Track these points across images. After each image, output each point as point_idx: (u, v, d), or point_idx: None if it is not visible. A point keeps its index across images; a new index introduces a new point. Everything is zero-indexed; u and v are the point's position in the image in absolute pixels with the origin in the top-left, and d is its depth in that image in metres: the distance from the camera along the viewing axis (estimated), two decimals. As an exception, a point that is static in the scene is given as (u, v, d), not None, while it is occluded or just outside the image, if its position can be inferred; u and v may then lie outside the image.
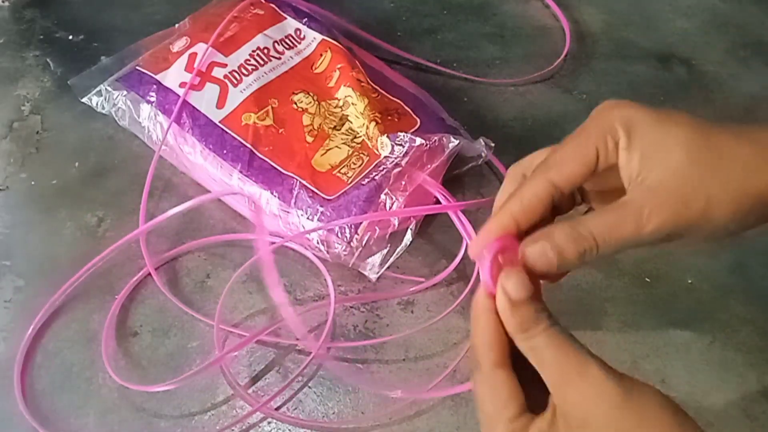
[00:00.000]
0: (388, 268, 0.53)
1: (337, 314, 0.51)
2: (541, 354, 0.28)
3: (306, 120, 0.57)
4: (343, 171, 0.54)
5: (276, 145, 0.55)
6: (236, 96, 0.57)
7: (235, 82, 0.58)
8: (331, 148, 0.55)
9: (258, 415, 0.46)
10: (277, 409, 0.47)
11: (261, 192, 0.53)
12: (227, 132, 0.55)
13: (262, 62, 0.59)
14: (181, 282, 0.52)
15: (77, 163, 0.59)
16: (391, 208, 0.51)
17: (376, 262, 0.52)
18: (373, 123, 0.55)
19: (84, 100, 0.60)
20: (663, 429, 0.26)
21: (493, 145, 0.57)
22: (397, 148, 0.53)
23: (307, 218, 0.52)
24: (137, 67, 0.60)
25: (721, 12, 0.75)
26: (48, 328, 0.50)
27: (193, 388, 0.47)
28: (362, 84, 0.58)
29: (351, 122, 0.57)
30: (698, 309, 0.52)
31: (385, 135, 0.54)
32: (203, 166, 0.55)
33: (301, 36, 0.62)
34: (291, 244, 0.54)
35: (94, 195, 0.57)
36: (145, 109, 0.58)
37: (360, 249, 0.51)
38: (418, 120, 0.58)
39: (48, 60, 0.67)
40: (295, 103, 0.58)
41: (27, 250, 0.54)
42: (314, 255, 0.53)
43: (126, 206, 0.56)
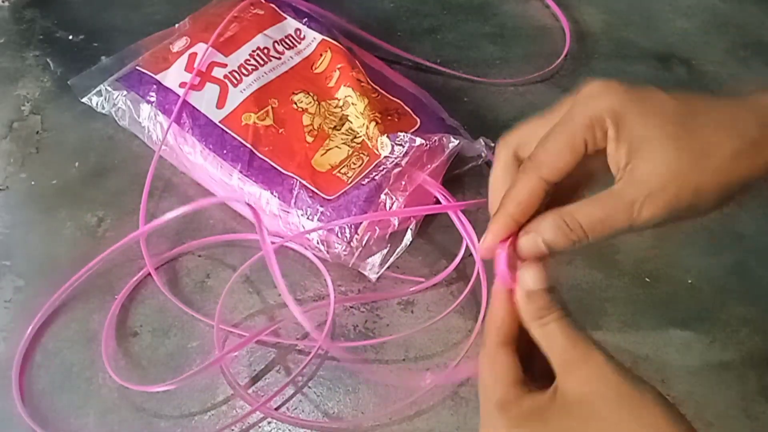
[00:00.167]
0: (388, 268, 0.53)
1: (337, 314, 0.51)
2: (552, 340, 0.30)
3: (306, 120, 0.57)
4: (343, 171, 0.54)
5: (276, 145, 0.55)
6: (236, 96, 0.57)
7: (235, 82, 0.58)
8: (331, 148, 0.55)
9: (258, 415, 0.46)
10: (277, 409, 0.47)
11: (261, 192, 0.53)
12: (227, 132, 0.55)
13: (262, 62, 0.59)
14: (181, 282, 0.52)
15: (77, 163, 0.59)
16: (391, 208, 0.51)
17: (376, 262, 0.52)
18: (373, 123, 0.55)
19: (84, 100, 0.60)
20: (657, 420, 0.27)
21: (493, 145, 0.57)
22: (397, 148, 0.53)
23: (307, 218, 0.52)
24: (137, 67, 0.60)
25: (721, 12, 0.75)
26: (48, 328, 0.50)
27: (193, 388, 0.47)
28: (362, 84, 0.58)
29: (351, 122, 0.57)
30: (698, 309, 0.52)
31: (385, 135, 0.54)
32: (203, 166, 0.55)
33: (301, 36, 0.62)
34: (291, 244, 0.54)
35: (94, 195, 0.57)
36: (145, 109, 0.58)
37: (360, 249, 0.51)
38: (418, 120, 0.58)
39: (48, 60, 0.67)
40: (295, 103, 0.58)
41: (27, 250, 0.54)
42: (314, 255, 0.53)
43: (126, 206, 0.56)
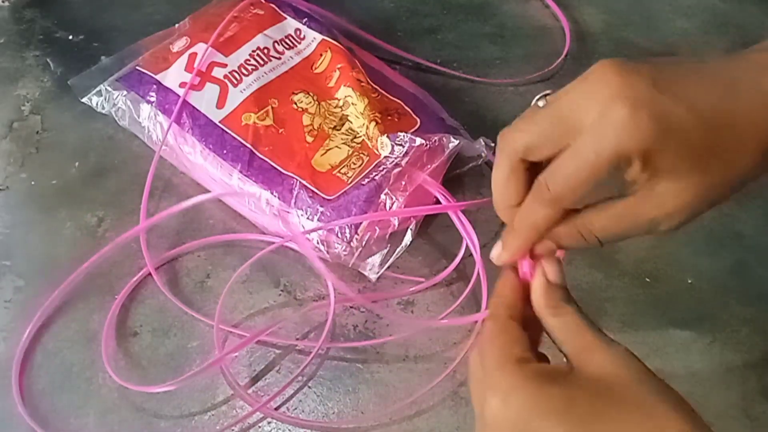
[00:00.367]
0: (388, 268, 0.53)
1: (337, 314, 0.51)
2: (566, 329, 0.31)
3: (306, 120, 0.57)
4: (343, 171, 0.54)
5: (276, 145, 0.55)
6: (236, 96, 0.57)
7: (235, 82, 0.58)
8: (331, 148, 0.55)
9: (258, 415, 0.46)
10: (277, 409, 0.47)
11: (261, 192, 0.53)
12: (227, 132, 0.55)
13: (262, 62, 0.59)
14: (181, 282, 0.52)
15: (77, 163, 0.59)
16: (391, 208, 0.51)
17: (376, 262, 0.52)
18: (373, 123, 0.55)
19: (84, 100, 0.60)
20: (682, 404, 0.28)
21: (493, 145, 0.57)
22: (397, 148, 0.53)
23: (307, 218, 0.52)
24: (137, 67, 0.60)
25: (721, 12, 0.75)
26: (48, 328, 0.50)
27: (193, 389, 0.47)
28: (362, 84, 0.58)
29: (351, 122, 0.57)
30: (698, 309, 0.52)
31: (385, 135, 0.54)
32: (203, 166, 0.55)
33: (301, 36, 0.62)
34: (291, 244, 0.54)
35: (94, 195, 0.57)
36: (145, 109, 0.58)
37: (360, 249, 0.51)
38: (418, 120, 0.58)
39: (48, 60, 0.67)
40: (295, 103, 0.58)
41: (27, 250, 0.54)
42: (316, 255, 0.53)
43: (126, 206, 0.56)
